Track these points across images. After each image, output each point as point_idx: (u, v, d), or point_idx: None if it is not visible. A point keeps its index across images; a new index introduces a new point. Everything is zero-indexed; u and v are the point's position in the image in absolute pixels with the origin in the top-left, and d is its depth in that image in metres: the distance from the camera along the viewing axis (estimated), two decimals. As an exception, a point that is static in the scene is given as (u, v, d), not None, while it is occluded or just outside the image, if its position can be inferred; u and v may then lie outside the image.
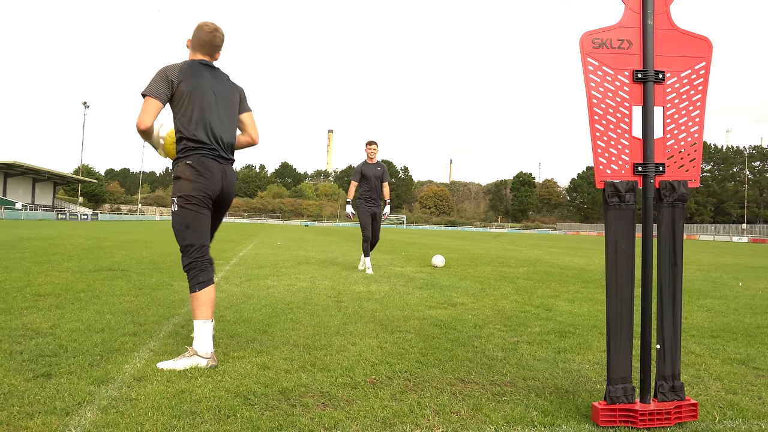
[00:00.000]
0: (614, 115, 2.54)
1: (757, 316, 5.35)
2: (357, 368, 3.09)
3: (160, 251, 11.70)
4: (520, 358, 3.44)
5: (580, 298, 6.32)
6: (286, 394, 2.63)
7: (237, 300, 5.31)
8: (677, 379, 2.48)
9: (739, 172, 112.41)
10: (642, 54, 2.56)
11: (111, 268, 7.74)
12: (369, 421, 2.33)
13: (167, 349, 3.36)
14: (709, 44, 2.62)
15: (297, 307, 5.05)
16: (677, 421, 2.41)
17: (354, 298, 5.78)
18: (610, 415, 2.37)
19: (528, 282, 7.97)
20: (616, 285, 2.50)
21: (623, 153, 2.54)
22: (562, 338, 4.06)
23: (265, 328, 4.08)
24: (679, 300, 2.55)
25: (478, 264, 11.32)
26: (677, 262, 2.55)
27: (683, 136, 2.59)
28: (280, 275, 7.74)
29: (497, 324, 4.54)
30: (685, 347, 3.86)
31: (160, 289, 5.91)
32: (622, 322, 2.48)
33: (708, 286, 8.25)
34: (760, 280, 9.60)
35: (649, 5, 2.55)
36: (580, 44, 2.54)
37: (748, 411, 2.58)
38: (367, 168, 8.72)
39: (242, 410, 2.39)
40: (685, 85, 2.60)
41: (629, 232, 2.53)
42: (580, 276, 9.22)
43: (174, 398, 2.50)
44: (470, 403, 2.58)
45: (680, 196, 2.56)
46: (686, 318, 5.08)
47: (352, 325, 4.31)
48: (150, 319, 4.26)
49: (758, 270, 12.48)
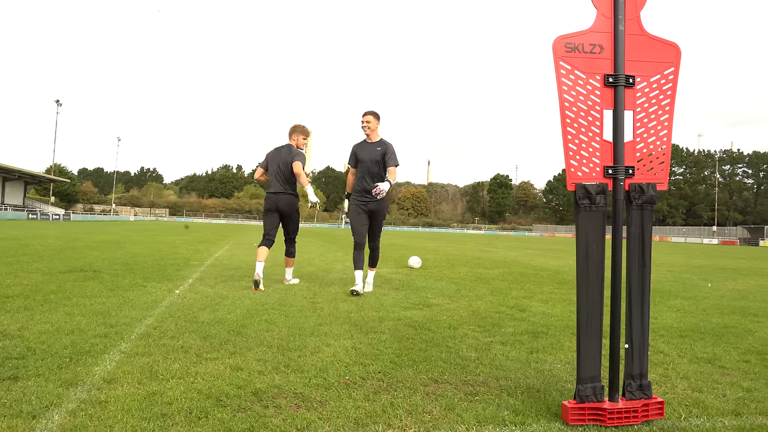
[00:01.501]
0: (585, 118, 2.58)
1: (724, 316, 5.47)
2: (331, 369, 3.09)
3: (133, 252, 11.54)
4: (494, 359, 3.47)
5: (554, 298, 6.40)
6: (258, 395, 2.62)
7: (211, 301, 5.27)
8: (645, 377, 2.53)
9: (710, 176, 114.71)
10: (613, 58, 2.60)
11: (82, 269, 7.61)
12: (342, 422, 2.33)
13: (139, 350, 3.32)
14: (677, 50, 2.68)
15: (272, 308, 5.02)
16: (644, 419, 2.45)
17: (329, 299, 5.77)
18: (579, 414, 2.41)
19: (503, 283, 8.04)
20: (587, 285, 2.54)
21: (594, 156, 2.58)
22: (535, 338, 4.11)
23: (239, 329, 4.05)
24: (648, 300, 2.60)
25: (454, 265, 11.39)
26: (646, 263, 2.60)
27: (653, 140, 2.64)
28: (256, 276, 7.68)
29: (472, 325, 4.58)
30: (655, 347, 3.94)
31: (133, 290, 5.83)
32: (592, 322, 2.52)
33: (678, 287, 8.41)
34: (728, 281, 9.82)
35: (620, 11, 2.59)
36: (552, 48, 2.57)
37: (713, 408, 2.63)
38: (363, 148, 6.42)
39: (214, 412, 2.37)
40: (654, 90, 2.65)
41: (599, 234, 2.57)
42: (555, 277, 9.33)
43: (144, 400, 2.47)
44: (443, 403, 2.60)
45: (649, 199, 2.61)
46: (656, 318, 5.18)
47: (327, 326, 4.30)
48: (122, 320, 4.20)
49: (727, 271, 12.76)
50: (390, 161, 6.30)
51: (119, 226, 38.60)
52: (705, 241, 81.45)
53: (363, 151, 6.41)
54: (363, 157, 6.38)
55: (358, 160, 6.43)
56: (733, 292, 7.84)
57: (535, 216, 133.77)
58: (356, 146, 6.51)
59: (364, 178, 6.38)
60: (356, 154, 6.46)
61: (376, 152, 6.34)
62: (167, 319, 4.32)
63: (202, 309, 4.82)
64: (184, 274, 7.66)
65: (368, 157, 6.34)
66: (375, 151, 6.35)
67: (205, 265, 9.16)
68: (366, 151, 6.39)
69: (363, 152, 6.40)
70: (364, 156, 6.37)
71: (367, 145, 6.42)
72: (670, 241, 77.11)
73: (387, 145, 6.38)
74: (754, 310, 5.97)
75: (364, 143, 6.46)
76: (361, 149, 6.43)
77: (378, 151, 6.34)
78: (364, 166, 6.38)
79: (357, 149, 6.47)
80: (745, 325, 4.98)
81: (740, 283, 9.65)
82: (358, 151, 6.45)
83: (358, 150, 6.45)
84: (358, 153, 6.44)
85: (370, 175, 6.34)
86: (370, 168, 6.34)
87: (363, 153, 6.39)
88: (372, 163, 6.33)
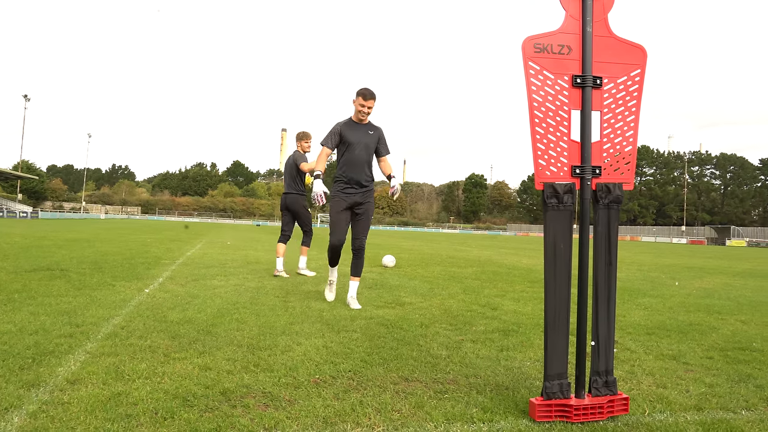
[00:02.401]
0: (554, 118, 2.61)
1: (690, 314, 5.59)
2: (301, 368, 3.07)
3: (103, 250, 11.34)
4: (464, 357, 3.49)
5: (526, 297, 6.46)
6: (227, 395, 2.60)
7: (181, 300, 5.20)
8: (610, 374, 2.57)
9: (679, 177, 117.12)
10: (581, 60, 2.63)
11: (49, 268, 7.45)
12: (310, 421, 2.32)
13: (105, 350, 3.26)
14: (644, 52, 2.72)
15: (243, 307, 4.98)
16: (609, 415, 2.49)
17: (302, 297, 5.75)
18: (546, 411, 2.44)
19: (476, 282, 8.09)
20: (555, 284, 2.57)
21: (562, 155, 2.61)
22: (506, 336, 4.14)
23: (209, 328, 4.01)
24: (614, 298, 2.64)
25: (428, 264, 11.43)
26: (612, 262, 2.64)
27: (619, 140, 2.68)
28: (228, 275, 7.62)
29: (443, 323, 4.60)
30: (622, 344, 4.01)
31: (101, 289, 5.73)
32: (559, 319, 2.55)
33: (647, 285, 8.56)
34: (695, 280, 10.03)
35: (588, 12, 2.63)
36: (522, 48, 2.59)
37: (676, 404, 2.69)
38: (353, 130, 5.30)
39: (180, 412, 2.34)
40: (621, 91, 2.69)
41: (567, 233, 2.60)
42: (527, 276, 9.42)
43: (109, 401, 2.43)
44: (412, 401, 2.61)
45: (615, 198, 2.65)
46: (624, 316, 5.26)
47: (298, 325, 4.28)
48: (88, 320, 4.12)
49: (694, 270, 13.03)
50: (384, 149, 5.43)
51: (89, 224, 37.88)
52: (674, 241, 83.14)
53: (354, 133, 5.28)
54: (353, 140, 5.26)
55: (346, 144, 5.28)
56: (699, 291, 8.02)
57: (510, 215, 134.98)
58: (343, 126, 5.31)
59: (354, 166, 5.29)
60: (344, 135, 5.28)
61: (369, 136, 5.33)
62: (135, 318, 4.25)
63: (172, 308, 4.75)
64: (155, 273, 7.55)
65: (360, 142, 5.28)
66: (368, 135, 5.33)
67: (176, 264, 9.04)
68: (357, 134, 5.29)
69: (354, 135, 5.27)
70: (354, 139, 5.26)
71: (358, 127, 5.32)
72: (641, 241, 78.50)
73: (379, 129, 5.43)
74: (719, 308, 6.11)
75: (354, 124, 5.33)
76: (351, 131, 5.29)
77: (371, 135, 5.34)
78: (353, 152, 5.26)
79: (345, 130, 5.29)
80: (709, 323, 5.09)
81: (706, 281, 9.87)
82: (348, 133, 5.28)
83: (347, 132, 5.28)
84: (347, 135, 5.27)
85: (361, 164, 5.30)
86: (361, 155, 5.29)
87: (354, 136, 5.27)
88: (364, 149, 5.30)
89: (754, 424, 2.46)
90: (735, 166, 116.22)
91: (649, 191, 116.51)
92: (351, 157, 5.27)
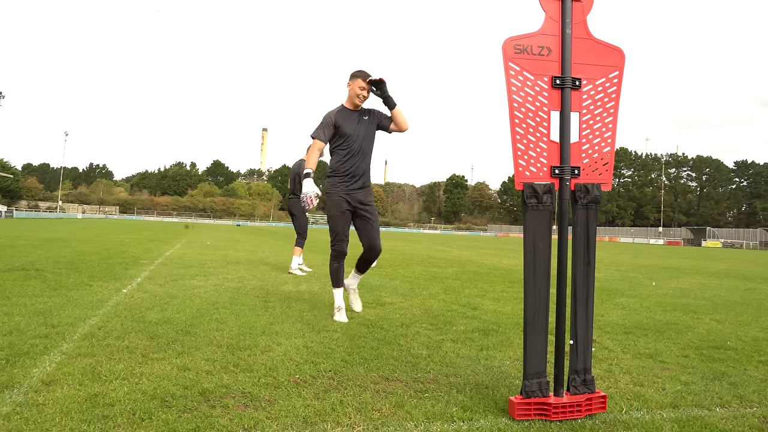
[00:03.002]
0: (533, 119, 2.63)
1: (666, 313, 5.67)
2: (281, 368, 3.06)
3: (79, 250, 11.17)
4: (444, 356, 3.50)
5: (506, 297, 6.50)
6: (206, 395, 2.57)
7: (160, 300, 5.15)
8: (588, 372, 2.60)
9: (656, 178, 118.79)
10: (560, 61, 2.66)
11: (24, 268, 7.32)
12: (290, 421, 2.32)
13: (81, 351, 3.21)
14: (622, 54, 2.76)
15: (223, 307, 4.94)
16: (587, 413, 2.52)
17: (282, 298, 5.72)
18: (525, 409, 2.45)
19: (456, 282, 8.12)
20: (534, 283, 2.59)
21: (541, 156, 2.63)
22: (486, 336, 4.17)
23: (187, 328, 3.97)
24: (592, 297, 2.67)
25: (409, 264, 11.45)
26: (590, 261, 2.67)
27: (597, 141, 2.71)
28: (207, 275, 7.56)
29: (424, 323, 4.61)
30: (600, 343, 4.05)
31: (78, 289, 5.64)
32: (538, 319, 2.57)
33: (624, 285, 8.67)
34: (671, 280, 10.19)
35: (567, 14, 2.65)
36: (502, 49, 2.61)
37: (653, 402, 2.73)
38: (348, 119, 4.62)
39: (158, 413, 2.32)
40: (599, 93, 2.73)
41: (546, 232, 2.63)
42: (507, 276, 9.49)
43: (85, 402, 2.40)
44: (392, 401, 2.61)
45: (594, 199, 2.68)
46: (603, 316, 5.32)
47: (278, 325, 4.26)
48: (64, 320, 4.06)
49: (670, 270, 13.23)
50: (385, 124, 4.67)
51: (66, 223, 37.30)
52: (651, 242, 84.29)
53: (349, 122, 4.60)
54: (349, 130, 4.59)
55: (343, 135, 4.60)
56: (675, 291, 8.14)
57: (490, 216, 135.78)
58: (337, 115, 4.60)
59: (350, 159, 4.61)
60: (339, 126, 4.58)
61: (366, 124, 4.65)
62: (113, 318, 4.20)
63: (150, 308, 4.70)
64: (133, 273, 7.46)
65: (358, 131, 4.61)
66: (365, 123, 4.64)
67: (155, 264, 8.94)
68: (353, 122, 4.61)
69: (350, 124, 4.60)
70: (350, 129, 4.59)
71: (352, 114, 4.64)
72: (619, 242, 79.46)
73: (374, 110, 4.74)
74: (694, 308, 6.21)
75: (348, 111, 4.64)
76: (347, 120, 4.60)
77: (367, 121, 4.65)
78: (351, 143, 4.59)
79: (340, 119, 4.59)
80: (685, 322, 5.18)
81: (682, 281, 10.02)
82: (343, 122, 4.59)
83: (343, 121, 4.59)
84: (340, 123, 4.58)
85: (360, 155, 4.62)
86: (361, 146, 4.61)
87: (350, 126, 4.60)
88: (363, 139, 4.62)
89: (728, 420, 2.51)
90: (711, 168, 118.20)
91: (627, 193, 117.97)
92: (349, 149, 4.59)
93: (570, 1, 2.65)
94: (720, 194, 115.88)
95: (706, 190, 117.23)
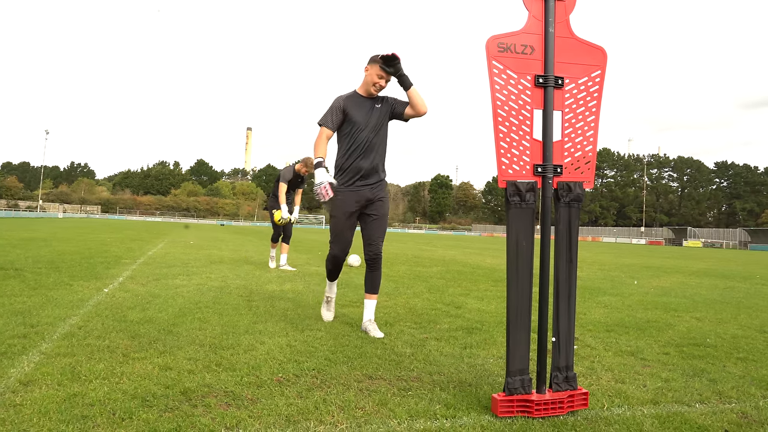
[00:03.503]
0: (517, 117, 2.64)
1: (647, 312, 5.74)
2: (264, 367, 3.04)
3: (60, 250, 11.03)
4: (428, 354, 3.51)
5: (489, 296, 6.53)
6: (187, 394, 2.55)
7: (142, 300, 5.09)
8: (571, 369, 2.62)
9: (638, 179, 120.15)
10: (543, 60, 2.67)
11: (2, 267, 7.20)
12: (273, 420, 2.30)
13: (61, 351, 3.16)
14: (604, 54, 2.78)
15: (206, 306, 4.90)
16: (569, 410, 2.53)
17: (266, 297, 5.69)
18: (507, 406, 2.46)
19: (440, 281, 8.14)
20: (517, 281, 2.60)
21: (524, 154, 2.64)
22: (469, 334, 4.18)
23: (170, 328, 3.93)
24: (574, 295, 2.68)
25: (393, 263, 11.45)
26: (573, 259, 2.69)
27: (580, 140, 2.73)
28: (191, 274, 7.50)
29: (408, 321, 4.61)
30: (582, 341, 4.08)
31: (58, 288, 5.57)
32: (521, 316, 2.58)
33: (607, 284, 8.75)
34: (653, 279, 10.30)
35: (550, 13, 2.67)
36: (486, 48, 2.62)
37: (634, 398, 2.75)
38: (359, 106, 4.13)
39: (139, 412, 2.29)
40: (582, 92, 2.74)
41: (529, 230, 2.64)
42: (491, 275, 9.53)
43: (64, 402, 2.36)
44: (376, 399, 2.60)
45: (576, 197, 2.69)
46: (585, 314, 5.37)
47: (262, 324, 4.24)
48: (44, 320, 4.00)
49: (652, 269, 13.38)
50: (402, 103, 4.12)
51: (46, 223, 36.79)
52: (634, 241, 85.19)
53: (360, 110, 4.09)
54: (359, 118, 4.07)
55: (351, 123, 4.08)
56: (656, 289, 8.23)
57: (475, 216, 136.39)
58: (347, 100, 4.11)
59: (359, 151, 4.06)
60: (348, 112, 4.08)
61: (378, 112, 4.10)
62: (93, 318, 4.14)
63: (132, 308, 4.65)
64: (115, 272, 7.38)
65: (368, 120, 4.07)
66: (376, 111, 4.10)
67: (137, 264, 8.85)
68: (364, 110, 4.09)
69: (360, 112, 4.08)
70: (360, 117, 4.07)
71: (364, 102, 4.12)
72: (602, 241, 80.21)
73: (387, 97, 4.19)
74: (675, 306, 6.28)
75: (360, 98, 4.13)
76: (357, 107, 4.09)
77: (379, 110, 4.11)
78: (360, 133, 4.06)
79: (349, 105, 4.09)
80: (666, 320, 5.24)
81: (663, 280, 10.14)
82: (352, 109, 4.08)
83: (352, 108, 4.08)
84: (351, 112, 4.07)
85: (370, 148, 4.07)
86: (370, 137, 4.06)
87: (360, 113, 4.08)
88: (373, 129, 4.08)
89: (707, 416, 2.54)
90: (691, 169, 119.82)
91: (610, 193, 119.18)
92: (357, 140, 4.05)
93: (553, 0, 2.66)
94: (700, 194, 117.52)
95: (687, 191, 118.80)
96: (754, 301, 7.21)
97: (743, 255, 34.31)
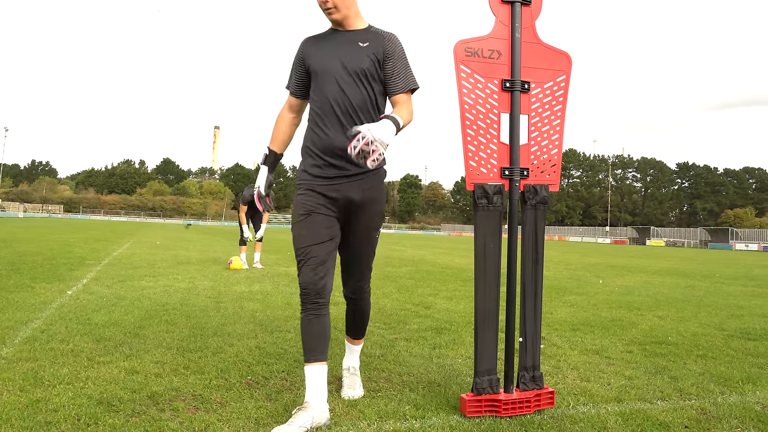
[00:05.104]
0: (484, 121, 2.68)
1: (612, 310, 5.87)
2: (233, 370, 3.02)
3: (20, 251, 10.74)
4: (398, 355, 3.53)
5: (458, 295, 6.59)
6: (155, 398, 2.52)
7: (107, 302, 5.00)
8: (537, 369, 2.67)
9: (604, 179, 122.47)
10: (510, 64, 2.71)
11: (-40, 270, 6.99)
12: (242, 423, 2.29)
13: (23, 355, 3.09)
14: (569, 59, 2.84)
15: (173, 308, 4.84)
16: (536, 409, 2.58)
17: (234, 298, 5.64)
18: (476, 406, 2.50)
19: (410, 281, 8.18)
20: (484, 282, 2.64)
21: (492, 157, 2.68)
22: (438, 335, 4.22)
23: (136, 330, 3.87)
24: (540, 295, 2.73)
25: (363, 264, 11.45)
26: (539, 260, 2.74)
27: (545, 143, 2.78)
28: (157, 276, 7.39)
29: (377, 322, 4.63)
30: (549, 340, 4.16)
31: (19, 291, 5.43)
32: (488, 317, 2.62)
33: (573, 283, 8.91)
34: (617, 278, 10.53)
35: (517, 19, 2.71)
36: (453, 52, 2.65)
37: (598, 396, 2.82)
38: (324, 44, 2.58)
39: (105, 417, 2.25)
40: (547, 96, 2.79)
41: (496, 232, 2.68)
42: (460, 275, 9.62)
43: (27, 408, 2.31)
44: (345, 400, 2.61)
45: (542, 199, 2.74)
46: (551, 313, 5.46)
47: (230, 326, 4.21)
48: (4, 324, 3.90)
49: (617, 268, 13.67)
50: (397, 80, 2.56)
51: (6, 222, 35.75)
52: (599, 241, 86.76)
53: (324, 50, 2.57)
54: (326, 65, 2.53)
55: (313, 74, 2.56)
56: (621, 288, 8.42)
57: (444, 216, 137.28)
58: (308, 41, 2.65)
59: (329, 118, 2.49)
60: (305, 58, 2.61)
61: (358, 52, 2.52)
62: (57, 321, 4.06)
63: (97, 310, 4.56)
64: (78, 274, 7.22)
65: (339, 65, 2.51)
66: (357, 51, 2.52)
67: (102, 265, 8.68)
68: (333, 50, 2.55)
69: (324, 54, 2.56)
70: (327, 63, 2.53)
71: (335, 37, 2.60)
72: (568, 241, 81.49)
73: (382, 38, 2.58)
74: (638, 305, 6.44)
75: (332, 33, 2.62)
76: (320, 46, 2.60)
77: (363, 49, 2.53)
78: (324, 86, 2.52)
79: (308, 47, 2.62)
80: (629, 318, 5.36)
81: (627, 279, 10.38)
82: (313, 51, 2.60)
83: (312, 49, 2.61)
84: (311, 56, 2.59)
85: (342, 109, 2.48)
86: (339, 92, 2.48)
87: (325, 56, 2.55)
88: (344, 78, 2.49)
89: (668, 413, 2.61)
90: (654, 169, 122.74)
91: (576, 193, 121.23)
92: (321, 98, 2.52)
93: (519, 6, 2.70)
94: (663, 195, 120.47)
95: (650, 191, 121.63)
96: (714, 299, 7.43)
97: (703, 254, 35.30)
